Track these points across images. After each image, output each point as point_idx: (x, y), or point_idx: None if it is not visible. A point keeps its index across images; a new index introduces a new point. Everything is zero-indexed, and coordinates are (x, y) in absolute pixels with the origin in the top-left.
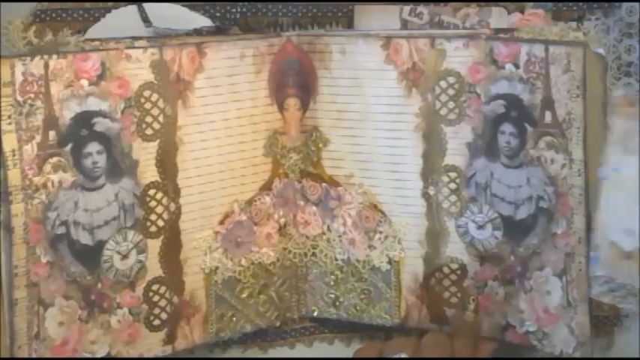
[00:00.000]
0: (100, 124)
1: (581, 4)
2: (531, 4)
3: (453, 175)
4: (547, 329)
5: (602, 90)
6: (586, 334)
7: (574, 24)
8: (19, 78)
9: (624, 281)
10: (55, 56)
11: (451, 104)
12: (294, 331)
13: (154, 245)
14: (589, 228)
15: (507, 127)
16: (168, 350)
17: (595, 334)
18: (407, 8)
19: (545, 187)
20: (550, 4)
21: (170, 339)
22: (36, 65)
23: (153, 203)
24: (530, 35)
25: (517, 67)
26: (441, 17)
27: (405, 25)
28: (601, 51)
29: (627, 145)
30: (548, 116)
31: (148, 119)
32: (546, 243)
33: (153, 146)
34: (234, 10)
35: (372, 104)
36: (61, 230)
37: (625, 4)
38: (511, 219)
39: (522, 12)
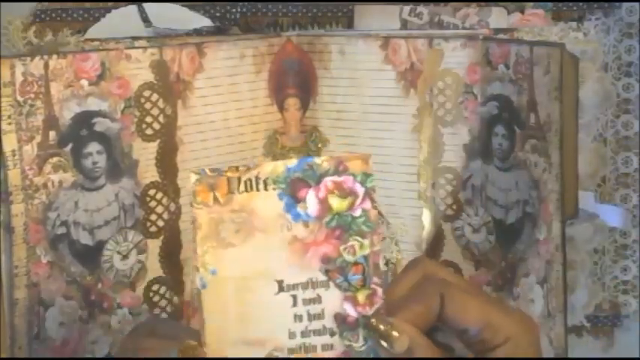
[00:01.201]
0: (100, 124)
1: (581, 4)
2: (531, 4)
3: (449, 177)
4: None
5: (576, 93)
6: (562, 345)
7: (574, 24)
8: (19, 78)
9: None
10: (55, 56)
11: (448, 105)
12: None
13: (154, 245)
14: (564, 235)
15: (500, 129)
16: None
17: (595, 334)
18: (407, 8)
19: (530, 192)
20: (550, 4)
21: None
22: (36, 65)
23: (153, 203)
24: (530, 35)
25: (508, 67)
26: (440, 17)
27: (404, 25)
28: (575, 52)
29: (220, 239)
30: (532, 118)
31: (148, 119)
32: (531, 249)
33: (153, 146)
34: (234, 10)
35: (370, 104)
36: (62, 230)
37: (625, 4)
38: (502, 223)
39: (522, 12)
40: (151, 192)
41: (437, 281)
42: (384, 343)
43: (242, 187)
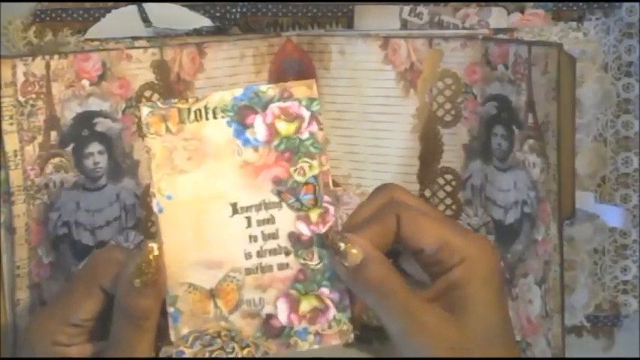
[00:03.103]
0: (101, 125)
1: (581, 4)
2: (531, 4)
3: (448, 177)
4: (530, 339)
5: (573, 93)
6: (559, 345)
7: (574, 24)
8: (20, 78)
9: (217, 329)
10: (56, 56)
11: (448, 105)
12: None
13: None
14: (561, 235)
15: (499, 129)
16: (169, 350)
17: (595, 334)
18: (407, 8)
19: (529, 192)
20: (550, 4)
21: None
22: (37, 65)
23: None
24: (530, 35)
25: (507, 67)
26: (440, 17)
27: (404, 25)
28: (574, 52)
29: (173, 166)
30: (530, 119)
31: None
32: (529, 250)
33: None
34: (234, 10)
35: (370, 104)
36: (63, 231)
37: (625, 4)
38: (501, 223)
39: (522, 12)
40: None
41: (394, 204)
42: (338, 258)
43: (192, 117)
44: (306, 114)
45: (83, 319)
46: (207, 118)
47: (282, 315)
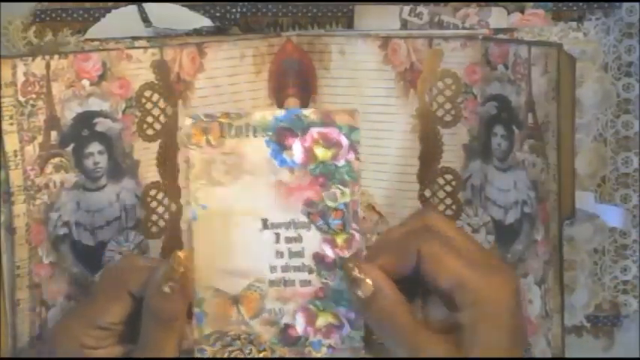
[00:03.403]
0: (101, 125)
1: (581, 4)
2: (531, 4)
3: (448, 177)
4: (529, 339)
5: (573, 93)
6: (559, 345)
7: (574, 24)
8: (20, 78)
9: (237, 331)
10: (56, 56)
11: (448, 105)
12: None
13: (156, 246)
14: (561, 235)
15: (499, 129)
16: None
17: (595, 334)
18: (407, 8)
19: (529, 192)
20: (550, 4)
21: None
22: (37, 65)
23: (154, 204)
24: (530, 35)
25: (507, 67)
26: (440, 17)
27: (404, 25)
28: (574, 52)
29: (210, 178)
30: (530, 119)
31: (149, 119)
32: (529, 250)
33: (154, 146)
34: (234, 10)
35: (370, 104)
36: (63, 231)
37: (625, 4)
38: (501, 223)
39: (522, 12)
40: (152, 192)
41: (421, 234)
42: (352, 286)
43: (233, 132)
44: (345, 142)
45: (111, 322)
46: (247, 135)
47: (300, 326)
